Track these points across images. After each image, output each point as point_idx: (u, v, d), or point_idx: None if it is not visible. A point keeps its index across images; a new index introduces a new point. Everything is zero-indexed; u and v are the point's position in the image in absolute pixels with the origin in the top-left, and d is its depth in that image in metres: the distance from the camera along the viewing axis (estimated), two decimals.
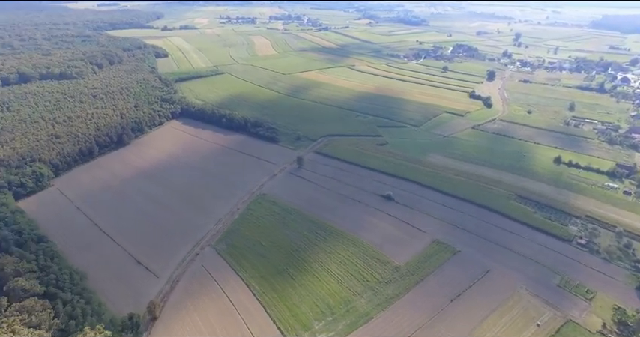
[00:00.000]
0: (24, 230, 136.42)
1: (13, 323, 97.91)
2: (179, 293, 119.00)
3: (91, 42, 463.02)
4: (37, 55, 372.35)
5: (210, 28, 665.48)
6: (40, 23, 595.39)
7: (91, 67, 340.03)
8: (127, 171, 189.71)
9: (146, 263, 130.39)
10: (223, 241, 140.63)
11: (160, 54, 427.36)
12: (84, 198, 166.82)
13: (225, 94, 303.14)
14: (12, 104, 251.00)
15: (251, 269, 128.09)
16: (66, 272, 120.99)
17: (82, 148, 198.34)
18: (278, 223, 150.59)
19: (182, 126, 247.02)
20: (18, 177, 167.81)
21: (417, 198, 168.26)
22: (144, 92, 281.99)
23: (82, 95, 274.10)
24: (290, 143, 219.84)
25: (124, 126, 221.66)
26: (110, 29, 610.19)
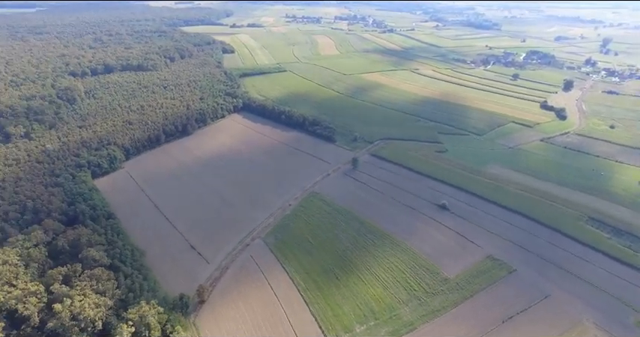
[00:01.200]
0: (97, 206, 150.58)
1: (85, 287, 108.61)
2: (227, 281, 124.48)
3: (166, 37, 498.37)
4: (121, 49, 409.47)
5: (276, 26, 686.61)
6: (125, 20, 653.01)
7: (164, 60, 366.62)
8: (188, 160, 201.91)
9: (199, 248, 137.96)
10: (273, 235, 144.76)
11: (227, 50, 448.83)
12: (148, 182, 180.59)
13: (286, 91, 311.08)
14: (97, 92, 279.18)
15: (297, 264, 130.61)
16: (128, 248, 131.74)
17: (150, 135, 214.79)
18: (328, 222, 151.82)
19: (243, 120, 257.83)
20: (96, 158, 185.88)
21: (473, 209, 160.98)
22: (209, 85, 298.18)
23: (155, 86, 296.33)
24: (346, 143, 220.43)
25: (189, 117, 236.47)
26: (184, 25, 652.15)
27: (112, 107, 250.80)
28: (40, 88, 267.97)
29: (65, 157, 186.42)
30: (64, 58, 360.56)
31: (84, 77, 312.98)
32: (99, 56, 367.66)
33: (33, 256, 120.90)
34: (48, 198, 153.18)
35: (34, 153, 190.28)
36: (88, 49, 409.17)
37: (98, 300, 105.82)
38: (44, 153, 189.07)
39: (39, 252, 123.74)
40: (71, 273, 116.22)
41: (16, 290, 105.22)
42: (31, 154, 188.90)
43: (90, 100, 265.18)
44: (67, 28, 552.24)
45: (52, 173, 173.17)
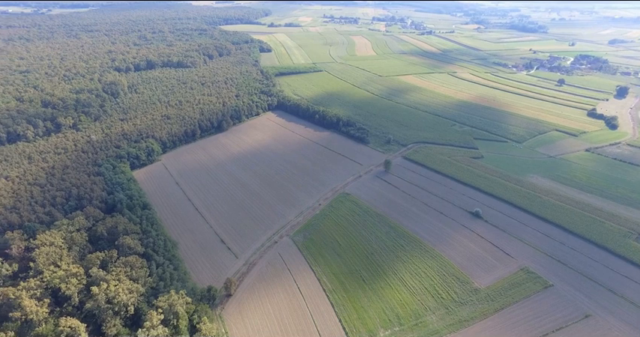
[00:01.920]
0: (134, 196, 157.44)
1: (120, 273, 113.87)
2: (254, 276, 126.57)
3: (205, 35, 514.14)
4: (163, 46, 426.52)
5: (313, 26, 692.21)
6: (168, 18, 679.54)
7: (203, 58, 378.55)
8: (222, 155, 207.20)
9: (228, 243, 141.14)
10: (302, 233, 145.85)
11: (264, 48, 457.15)
12: (183, 175, 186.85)
13: (321, 91, 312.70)
14: (138, 87, 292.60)
15: (324, 264, 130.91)
16: (161, 238, 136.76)
17: (186, 130, 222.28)
18: (357, 224, 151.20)
19: (277, 118, 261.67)
20: (135, 150, 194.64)
21: (508, 219, 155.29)
22: (245, 83, 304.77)
23: (193, 82, 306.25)
24: (379, 145, 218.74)
25: (224, 114, 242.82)
26: (223, 24, 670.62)
27: (151, 101, 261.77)
28: (88, 82, 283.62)
29: (107, 148, 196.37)
30: (110, 54, 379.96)
31: (127, 72, 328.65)
32: (142, 53, 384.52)
33: (75, 240, 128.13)
34: (90, 186, 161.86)
35: (80, 143, 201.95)
36: (132, 46, 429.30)
37: (131, 286, 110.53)
38: (89, 144, 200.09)
39: (80, 236, 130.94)
40: (108, 259, 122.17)
41: (60, 271, 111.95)
42: (77, 144, 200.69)
43: (132, 95, 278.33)
44: (115, 26, 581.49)
45: (94, 162, 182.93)
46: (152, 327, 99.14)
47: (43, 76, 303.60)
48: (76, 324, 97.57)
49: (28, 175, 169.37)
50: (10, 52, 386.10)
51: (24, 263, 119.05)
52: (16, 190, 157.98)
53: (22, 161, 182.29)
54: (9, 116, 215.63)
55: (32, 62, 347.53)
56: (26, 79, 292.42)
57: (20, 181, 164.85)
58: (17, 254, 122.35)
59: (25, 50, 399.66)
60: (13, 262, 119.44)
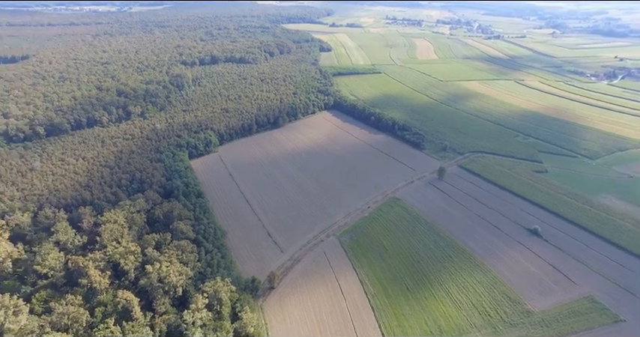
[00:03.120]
0: (190, 184, 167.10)
1: (172, 255, 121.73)
2: (297, 272, 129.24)
3: (268, 33, 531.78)
4: (227, 42, 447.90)
5: (374, 27, 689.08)
6: (234, 15, 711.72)
7: (264, 55, 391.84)
8: (276, 151, 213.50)
9: (275, 237, 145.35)
10: (348, 234, 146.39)
11: (324, 48, 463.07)
12: (237, 167, 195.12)
13: (378, 93, 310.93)
14: (202, 80, 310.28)
15: (368, 267, 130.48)
16: (212, 226, 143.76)
17: (244, 124, 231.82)
18: (406, 230, 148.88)
19: (332, 118, 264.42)
20: (194, 140, 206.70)
21: (572, 241, 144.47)
22: (304, 82, 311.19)
23: (252, 78, 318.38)
24: (435, 152, 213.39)
25: (281, 110, 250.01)
26: (286, 22, 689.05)
27: (213, 95, 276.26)
28: (157, 74, 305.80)
29: (169, 137, 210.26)
30: (178, 49, 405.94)
31: (193, 66, 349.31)
32: (207, 48, 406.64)
33: (135, 220, 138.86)
34: (152, 171, 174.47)
35: (146, 130, 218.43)
36: (199, 41, 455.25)
37: (181, 269, 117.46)
38: (153, 132, 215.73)
39: (140, 217, 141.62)
40: (162, 241, 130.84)
41: (121, 247, 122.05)
42: (143, 131, 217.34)
43: (195, 87, 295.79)
44: (184, 23, 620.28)
45: (157, 149, 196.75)
46: (197, 310, 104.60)
47: (119, 67, 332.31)
48: (130, 298, 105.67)
49: (100, 157, 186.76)
50: (96, 46, 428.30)
51: (92, 237, 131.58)
52: (90, 170, 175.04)
53: (96, 144, 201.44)
54: (90, 103, 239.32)
55: (112, 55, 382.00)
56: (106, 70, 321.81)
57: (94, 162, 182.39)
58: (87, 227, 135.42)
59: (107, 44, 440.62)
60: (83, 234, 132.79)
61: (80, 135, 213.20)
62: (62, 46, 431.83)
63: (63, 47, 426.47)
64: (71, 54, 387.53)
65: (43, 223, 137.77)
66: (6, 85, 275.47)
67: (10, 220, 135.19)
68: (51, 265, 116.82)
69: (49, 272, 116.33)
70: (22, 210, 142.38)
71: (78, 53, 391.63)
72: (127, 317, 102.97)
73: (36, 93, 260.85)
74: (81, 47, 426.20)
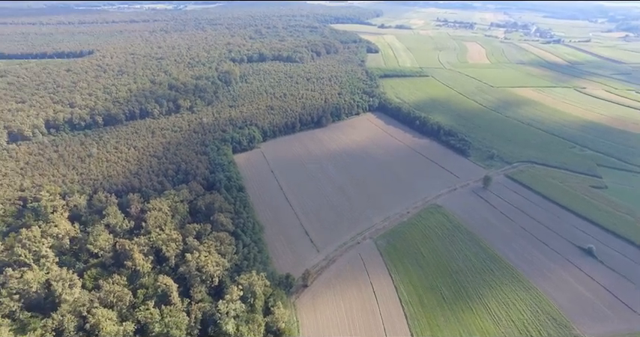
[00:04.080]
0: (232, 178, 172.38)
1: (210, 246, 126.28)
2: (332, 272, 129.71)
3: (316, 32, 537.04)
4: (275, 41, 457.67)
5: (424, 29, 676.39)
6: (283, 15, 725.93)
7: (311, 54, 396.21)
8: (318, 150, 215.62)
9: (312, 235, 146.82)
10: (385, 238, 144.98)
11: (372, 49, 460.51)
12: (279, 164, 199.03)
13: (425, 97, 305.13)
14: (249, 77, 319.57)
15: (404, 273, 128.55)
16: (250, 221, 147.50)
17: (287, 122, 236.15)
18: (445, 238, 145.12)
19: (376, 120, 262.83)
20: (238, 135, 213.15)
21: (632, 264, 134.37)
22: (349, 82, 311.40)
23: (299, 77, 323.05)
24: (481, 160, 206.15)
25: (325, 110, 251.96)
26: (334, 22, 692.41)
27: (259, 92, 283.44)
28: (206, 70, 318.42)
29: (215, 131, 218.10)
30: (228, 46, 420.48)
31: (241, 63, 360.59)
32: (256, 46, 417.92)
33: (179, 209, 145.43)
34: (196, 163, 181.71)
35: (193, 124, 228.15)
36: (248, 39, 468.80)
37: (219, 260, 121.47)
38: (200, 125, 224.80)
39: (183, 207, 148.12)
40: (202, 231, 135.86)
41: (164, 234, 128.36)
42: (190, 124, 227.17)
43: (242, 84, 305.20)
44: (235, 21, 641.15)
45: (202, 143, 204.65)
46: (231, 301, 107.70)
47: (172, 62, 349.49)
48: (170, 283, 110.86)
49: (150, 147, 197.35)
50: (152, 42, 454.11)
51: (138, 222, 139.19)
52: (140, 159, 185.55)
53: (147, 135, 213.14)
54: (143, 95, 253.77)
55: (166, 50, 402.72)
56: (160, 65, 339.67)
57: (144, 152, 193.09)
58: (134, 213, 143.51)
59: (162, 40, 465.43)
60: (131, 219, 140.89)
61: (133, 125, 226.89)
62: (122, 42, 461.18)
63: (123, 43, 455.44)
64: (130, 49, 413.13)
65: (96, 206, 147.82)
66: (73, 77, 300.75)
67: (70, 201, 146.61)
68: (101, 245, 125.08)
69: (99, 252, 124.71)
70: (80, 192, 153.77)
71: (136, 48, 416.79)
72: (166, 302, 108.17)
73: (97, 85, 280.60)
74: (139, 43, 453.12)
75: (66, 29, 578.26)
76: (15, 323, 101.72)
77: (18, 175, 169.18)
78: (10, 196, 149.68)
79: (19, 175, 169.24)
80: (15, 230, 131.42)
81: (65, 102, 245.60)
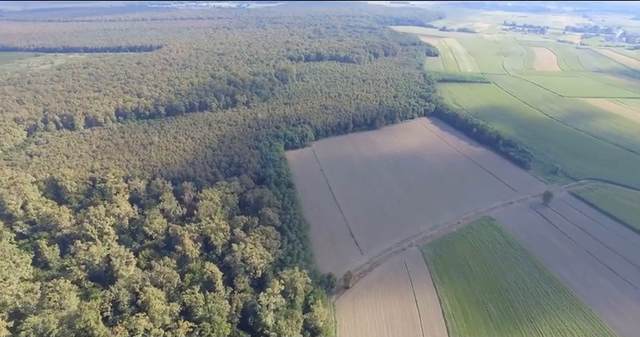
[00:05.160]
0: (282, 174, 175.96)
1: (256, 239, 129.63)
2: (374, 276, 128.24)
3: (374, 34, 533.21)
4: (333, 40, 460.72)
5: (489, 33, 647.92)
6: (342, 15, 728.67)
7: (369, 55, 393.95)
8: (369, 152, 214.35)
9: (357, 237, 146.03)
10: (432, 247, 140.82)
11: (431, 52, 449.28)
12: (329, 164, 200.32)
13: (484, 104, 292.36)
14: (305, 76, 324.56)
15: (449, 285, 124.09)
16: (297, 217, 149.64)
17: (340, 122, 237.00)
18: (496, 253, 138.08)
19: (430, 125, 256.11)
20: (291, 133, 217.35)
21: None
22: (405, 85, 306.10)
23: (354, 78, 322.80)
24: (542, 174, 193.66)
25: (379, 112, 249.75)
26: (394, 24, 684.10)
27: (314, 91, 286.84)
28: (264, 67, 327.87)
29: (268, 127, 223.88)
30: (286, 45, 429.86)
31: (298, 62, 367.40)
32: (314, 45, 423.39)
33: (229, 201, 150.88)
34: (249, 157, 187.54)
35: (248, 118, 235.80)
36: (307, 38, 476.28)
37: (263, 253, 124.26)
38: (255, 120, 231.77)
39: (233, 198, 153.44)
40: (249, 224, 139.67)
41: (213, 223, 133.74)
42: (246, 119, 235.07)
43: (298, 82, 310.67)
44: (295, 20, 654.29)
45: (256, 137, 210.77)
46: (272, 294, 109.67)
47: (232, 58, 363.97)
48: (215, 271, 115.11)
49: (206, 139, 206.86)
50: (215, 38, 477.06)
51: (190, 210, 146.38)
52: (196, 150, 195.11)
53: (204, 127, 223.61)
54: (203, 89, 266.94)
55: (227, 47, 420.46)
56: (220, 60, 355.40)
57: (200, 143, 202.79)
58: (188, 201, 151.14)
59: (224, 37, 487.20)
60: (184, 206, 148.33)
61: (192, 117, 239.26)
62: (188, 38, 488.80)
63: (188, 39, 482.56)
64: (194, 45, 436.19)
65: (154, 191, 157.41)
66: (142, 70, 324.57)
67: (131, 184, 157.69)
68: (156, 228, 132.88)
69: (153, 234, 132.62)
70: (140, 177, 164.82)
71: (199, 44, 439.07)
72: (210, 288, 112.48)
73: (162, 78, 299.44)
74: (202, 39, 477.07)
75: (140, 25, 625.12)
76: (81, 290, 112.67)
77: (90, 157, 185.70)
78: (83, 176, 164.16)
79: (91, 157, 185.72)
80: (85, 207, 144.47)
81: (133, 93, 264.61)
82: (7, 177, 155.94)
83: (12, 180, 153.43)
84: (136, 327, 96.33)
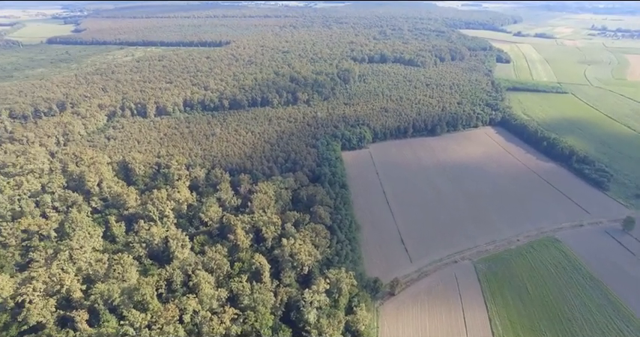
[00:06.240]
0: (337, 174, 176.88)
1: (306, 236, 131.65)
2: (422, 286, 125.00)
3: (442, 37, 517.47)
4: (398, 43, 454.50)
5: (571, 39, 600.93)
6: (410, 17, 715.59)
7: (434, 59, 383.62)
8: (428, 159, 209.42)
9: (408, 245, 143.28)
10: (487, 263, 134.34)
11: (502, 59, 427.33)
12: (385, 168, 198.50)
13: (558, 116, 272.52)
14: (367, 77, 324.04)
15: (502, 306, 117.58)
16: (348, 218, 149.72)
17: (400, 126, 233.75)
18: (560, 279, 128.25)
19: (495, 135, 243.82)
20: (349, 133, 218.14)
21: None
22: (471, 92, 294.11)
23: (418, 82, 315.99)
24: (624, 197, 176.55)
25: (441, 118, 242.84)
26: (463, 27, 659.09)
27: (375, 93, 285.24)
28: (327, 67, 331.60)
29: (327, 126, 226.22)
30: (351, 45, 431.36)
31: (361, 63, 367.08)
32: (378, 47, 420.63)
33: (282, 196, 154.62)
34: (305, 155, 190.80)
35: (308, 117, 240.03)
36: (371, 40, 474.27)
37: (311, 250, 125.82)
38: (314, 119, 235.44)
39: (286, 194, 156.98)
40: (300, 220, 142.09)
41: (265, 217, 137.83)
42: (305, 117, 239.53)
43: (359, 83, 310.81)
44: (361, 20, 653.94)
45: (313, 136, 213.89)
46: (317, 292, 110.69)
47: (296, 56, 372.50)
48: (264, 262, 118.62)
49: (265, 134, 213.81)
50: (281, 36, 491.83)
51: (245, 201, 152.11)
52: (255, 143, 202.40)
53: (264, 122, 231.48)
54: (266, 85, 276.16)
55: (292, 45, 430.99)
56: (284, 58, 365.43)
57: (259, 137, 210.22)
58: (243, 192, 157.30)
59: (290, 35, 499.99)
60: (239, 197, 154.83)
61: (253, 111, 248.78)
62: (255, 35, 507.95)
63: (255, 36, 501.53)
64: (260, 42, 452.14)
65: (212, 180, 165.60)
66: (211, 64, 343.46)
67: (192, 172, 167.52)
68: (211, 216, 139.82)
69: (208, 221, 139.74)
70: (201, 166, 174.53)
71: (265, 41, 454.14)
72: (257, 279, 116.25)
73: (228, 72, 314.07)
74: (269, 36, 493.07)
75: (212, 22, 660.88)
76: (140, 266, 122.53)
77: (157, 144, 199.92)
78: (150, 161, 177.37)
79: (158, 144, 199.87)
80: (149, 189, 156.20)
81: (201, 85, 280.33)
82: (89, 156, 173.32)
83: (92, 159, 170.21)
84: (185, 307, 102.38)
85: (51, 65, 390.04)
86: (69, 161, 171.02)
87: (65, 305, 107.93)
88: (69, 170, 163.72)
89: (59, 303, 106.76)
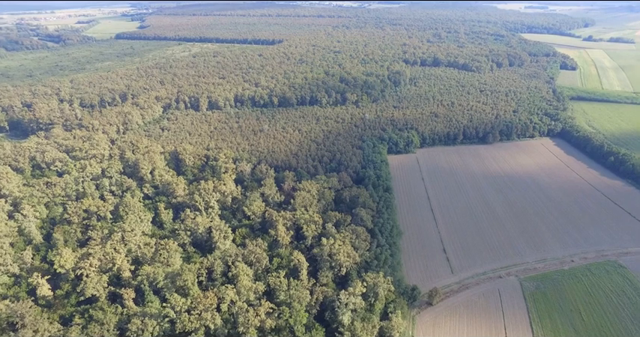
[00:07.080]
0: (381, 177, 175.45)
1: (345, 237, 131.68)
2: (462, 299, 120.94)
3: (501, 41, 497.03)
4: (453, 46, 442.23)
5: None
6: (467, 20, 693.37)
7: (490, 64, 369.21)
8: (477, 168, 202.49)
9: (450, 255, 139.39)
10: (535, 282, 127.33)
11: (567, 65, 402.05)
12: (431, 174, 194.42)
13: (630, 129, 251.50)
14: (418, 81, 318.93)
15: (550, 331, 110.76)
16: (390, 223, 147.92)
17: (449, 132, 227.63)
18: (622, 308, 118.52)
19: (553, 147, 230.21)
20: (396, 137, 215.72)
21: None
22: (529, 100, 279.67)
23: (471, 87, 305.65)
24: None
25: (494, 127, 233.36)
26: (525, 31, 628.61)
27: (426, 97, 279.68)
28: (378, 68, 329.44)
29: (374, 128, 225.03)
30: (403, 47, 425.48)
31: (413, 66, 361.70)
32: (432, 50, 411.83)
33: (325, 195, 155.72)
34: (350, 156, 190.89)
35: (355, 118, 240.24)
36: (425, 42, 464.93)
37: (351, 252, 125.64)
38: (361, 120, 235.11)
39: (329, 194, 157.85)
40: (342, 221, 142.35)
41: (307, 215, 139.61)
42: (353, 118, 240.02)
43: (410, 86, 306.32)
44: (415, 22, 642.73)
45: (360, 137, 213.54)
46: (353, 294, 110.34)
47: (347, 57, 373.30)
48: (302, 260, 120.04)
49: (312, 133, 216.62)
50: (333, 36, 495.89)
51: (288, 198, 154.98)
52: (301, 142, 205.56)
53: (312, 121, 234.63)
54: (316, 84, 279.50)
55: (344, 45, 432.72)
56: (335, 58, 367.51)
57: (306, 136, 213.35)
58: (287, 189, 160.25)
59: (342, 35, 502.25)
60: (282, 194, 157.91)
61: (302, 110, 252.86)
62: (307, 34, 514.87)
63: (307, 35, 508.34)
64: (312, 41, 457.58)
65: (257, 175, 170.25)
66: (262, 62, 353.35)
67: (238, 166, 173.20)
68: (254, 210, 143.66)
69: (251, 215, 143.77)
70: (247, 161, 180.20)
71: (317, 41, 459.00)
72: (295, 276, 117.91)
73: (279, 70, 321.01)
74: (321, 36, 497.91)
75: (266, 20, 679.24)
76: (184, 253, 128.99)
77: (207, 137, 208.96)
78: (199, 153, 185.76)
79: (208, 137, 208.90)
80: (197, 180, 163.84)
81: (252, 82, 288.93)
82: (144, 145, 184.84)
83: (147, 148, 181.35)
84: (224, 296, 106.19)
85: (117, 59, 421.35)
86: (126, 148, 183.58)
87: (115, 282, 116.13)
88: (126, 157, 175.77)
89: (110, 280, 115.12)
